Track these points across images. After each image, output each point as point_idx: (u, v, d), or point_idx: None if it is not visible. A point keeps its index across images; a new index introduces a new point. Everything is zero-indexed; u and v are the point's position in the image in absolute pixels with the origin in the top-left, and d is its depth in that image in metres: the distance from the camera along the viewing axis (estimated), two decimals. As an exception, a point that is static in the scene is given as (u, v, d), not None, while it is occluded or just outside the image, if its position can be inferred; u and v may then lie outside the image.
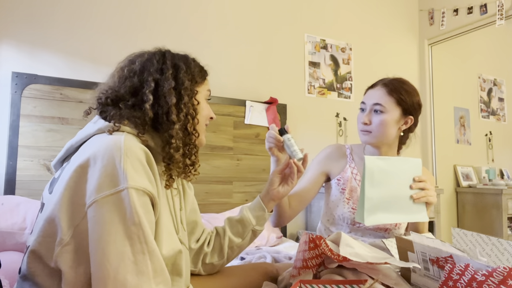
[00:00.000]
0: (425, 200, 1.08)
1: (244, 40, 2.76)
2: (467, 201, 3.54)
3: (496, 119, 4.21)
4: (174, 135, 0.78)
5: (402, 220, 1.08)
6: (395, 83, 1.27)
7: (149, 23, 2.44)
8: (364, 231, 1.29)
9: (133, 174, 0.67)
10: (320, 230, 1.44)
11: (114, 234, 0.64)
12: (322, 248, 0.82)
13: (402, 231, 1.33)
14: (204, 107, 0.89)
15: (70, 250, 0.68)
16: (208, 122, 0.94)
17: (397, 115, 1.25)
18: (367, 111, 1.27)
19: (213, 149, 2.48)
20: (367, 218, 1.01)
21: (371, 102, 1.27)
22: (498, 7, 2.91)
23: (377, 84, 1.31)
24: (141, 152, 0.71)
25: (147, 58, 0.84)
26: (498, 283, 0.65)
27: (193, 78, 0.84)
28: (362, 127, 1.28)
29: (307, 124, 2.96)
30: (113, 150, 0.68)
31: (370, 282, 0.77)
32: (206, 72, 0.93)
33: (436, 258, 0.77)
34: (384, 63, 3.36)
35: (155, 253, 0.67)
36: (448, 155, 3.65)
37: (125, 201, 0.65)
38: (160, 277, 0.67)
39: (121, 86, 0.80)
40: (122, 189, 0.65)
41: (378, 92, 1.27)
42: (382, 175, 1.04)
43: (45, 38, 2.15)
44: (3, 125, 2.00)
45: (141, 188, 0.67)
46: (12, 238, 1.56)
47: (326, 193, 1.39)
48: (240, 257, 1.86)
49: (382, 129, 1.24)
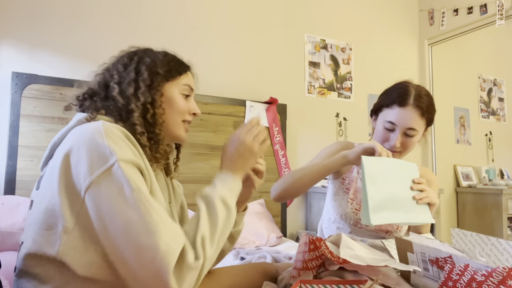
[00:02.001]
0: (427, 201, 1.08)
1: (244, 40, 2.76)
2: (467, 201, 3.55)
3: (496, 119, 4.21)
4: (138, 123, 0.82)
5: (408, 220, 1.04)
6: (425, 101, 1.20)
7: (149, 23, 2.44)
8: (364, 232, 1.29)
9: (117, 148, 0.71)
10: (321, 229, 1.43)
11: (117, 206, 0.67)
12: (322, 250, 0.82)
13: (403, 233, 1.33)
14: (178, 101, 0.90)
15: (76, 236, 0.70)
16: (187, 118, 0.94)
17: (422, 131, 1.24)
18: (399, 134, 1.19)
19: (213, 149, 2.48)
20: (372, 217, 0.96)
21: (405, 126, 1.18)
22: (498, 7, 2.91)
23: (407, 102, 1.19)
24: (120, 131, 0.75)
25: (121, 56, 0.91)
26: (497, 283, 0.65)
27: (156, 71, 0.87)
28: (389, 147, 1.22)
29: (307, 124, 2.96)
30: (93, 133, 0.72)
31: (370, 282, 0.77)
32: (185, 67, 0.94)
33: (436, 258, 0.77)
34: (384, 63, 3.36)
35: (160, 210, 0.70)
36: (448, 155, 3.65)
37: (118, 173, 0.68)
38: (171, 230, 0.69)
39: (95, 82, 0.89)
40: (112, 163, 0.69)
41: (412, 115, 1.18)
42: (382, 174, 1.02)
43: (45, 38, 2.15)
44: (3, 125, 2.00)
45: (129, 160, 0.71)
46: (12, 238, 1.57)
47: (330, 192, 1.38)
48: (240, 257, 1.86)
49: (411, 149, 1.23)
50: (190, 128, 0.98)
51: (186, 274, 0.68)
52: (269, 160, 2.69)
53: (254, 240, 2.17)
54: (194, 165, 2.41)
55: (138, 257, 0.65)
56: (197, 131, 2.45)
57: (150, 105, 0.85)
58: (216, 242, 0.76)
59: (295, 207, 2.85)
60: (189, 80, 0.94)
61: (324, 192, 2.62)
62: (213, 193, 0.81)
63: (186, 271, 0.68)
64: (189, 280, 0.68)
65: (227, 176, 0.86)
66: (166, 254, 0.65)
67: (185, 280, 0.67)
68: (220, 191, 0.82)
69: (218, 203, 0.79)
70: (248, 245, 2.14)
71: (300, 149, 2.90)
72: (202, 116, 2.47)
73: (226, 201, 0.81)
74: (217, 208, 0.78)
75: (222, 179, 0.86)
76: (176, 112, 0.91)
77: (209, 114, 2.51)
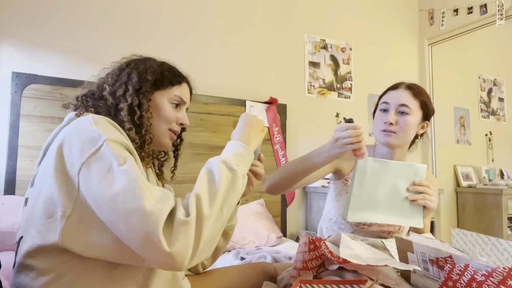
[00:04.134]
0: (422, 203, 1.09)
1: (244, 40, 2.76)
2: (467, 201, 3.54)
3: (496, 119, 4.21)
4: (125, 120, 0.86)
5: (392, 222, 1.09)
6: (417, 87, 1.27)
7: (149, 23, 2.44)
8: (366, 232, 1.29)
9: (105, 131, 0.74)
10: (321, 229, 1.43)
11: (105, 182, 0.68)
12: (322, 250, 0.82)
13: (405, 234, 1.33)
14: (166, 109, 0.93)
15: (76, 220, 0.71)
16: (174, 127, 0.96)
17: (419, 119, 1.26)
18: (392, 111, 1.24)
19: (213, 149, 2.48)
20: (351, 215, 1.07)
21: (397, 102, 1.24)
22: (498, 7, 2.91)
23: (400, 85, 1.28)
24: (109, 121, 0.79)
25: (121, 62, 0.97)
26: (497, 283, 0.65)
27: (146, 78, 0.91)
28: (385, 127, 1.24)
29: (307, 124, 2.96)
30: (82, 122, 0.76)
31: (370, 282, 0.77)
32: (178, 79, 0.97)
33: (436, 258, 0.77)
34: (384, 63, 3.36)
35: (146, 181, 0.70)
36: (448, 155, 3.65)
37: (107, 152, 0.70)
38: (158, 192, 0.69)
39: (95, 85, 0.95)
40: (101, 144, 0.71)
41: (403, 94, 1.25)
42: (374, 176, 1.07)
43: (45, 38, 2.15)
44: (3, 125, 2.00)
45: (118, 140, 0.74)
46: (12, 238, 1.56)
47: (331, 192, 1.38)
48: (240, 257, 1.86)
49: (407, 130, 1.23)
50: (189, 128, 1.00)
51: (177, 233, 0.64)
52: (269, 160, 2.69)
53: (254, 240, 2.17)
54: (194, 165, 2.41)
55: (127, 223, 0.64)
56: (197, 131, 2.45)
57: (137, 108, 0.88)
58: (217, 203, 0.71)
59: (295, 207, 2.85)
60: (182, 92, 0.97)
61: (324, 192, 2.62)
62: (216, 158, 0.80)
63: (177, 229, 0.65)
64: (182, 240, 0.65)
65: (235, 145, 0.87)
66: (153, 214, 0.64)
67: (177, 239, 0.64)
68: (223, 156, 0.81)
69: (219, 166, 0.77)
70: (248, 245, 2.14)
71: (300, 149, 2.90)
72: (202, 116, 2.48)
73: (230, 164, 0.78)
74: (219, 170, 0.76)
75: (229, 147, 0.87)
76: (163, 120, 0.94)
77: (209, 114, 2.50)
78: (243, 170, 0.80)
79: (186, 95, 0.98)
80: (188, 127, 1.08)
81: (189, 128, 2.30)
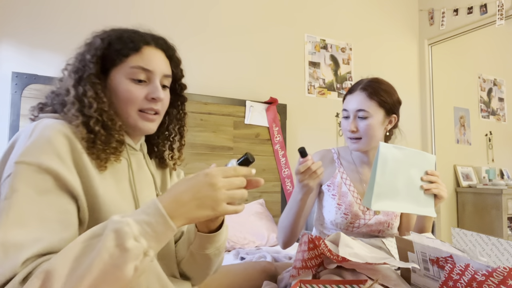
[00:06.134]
0: (435, 192, 1.09)
1: (244, 40, 2.76)
2: (467, 201, 3.54)
3: (496, 119, 4.21)
4: (72, 116, 0.73)
5: (409, 210, 1.07)
6: (373, 85, 1.25)
7: (149, 23, 2.42)
8: (357, 235, 1.30)
9: (33, 151, 0.64)
10: (314, 234, 1.44)
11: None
12: (321, 248, 0.82)
13: (395, 231, 1.33)
14: (123, 89, 0.76)
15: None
16: (145, 105, 0.78)
17: (381, 117, 1.25)
18: (351, 118, 1.25)
19: (213, 149, 2.48)
20: (374, 203, 1.02)
21: (353, 108, 1.24)
22: (498, 7, 2.91)
23: (355, 88, 1.28)
24: (56, 135, 0.67)
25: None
26: (498, 283, 0.65)
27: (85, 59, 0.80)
28: (349, 134, 1.26)
29: (307, 124, 2.96)
30: (22, 132, 0.70)
31: (370, 282, 0.77)
32: (130, 46, 0.78)
33: (436, 258, 0.77)
34: (384, 63, 3.36)
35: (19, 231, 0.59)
36: (448, 155, 3.65)
37: (17, 174, 0.63)
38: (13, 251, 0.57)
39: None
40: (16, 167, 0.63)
41: (358, 97, 1.25)
42: (395, 164, 1.05)
43: (45, 38, 2.15)
44: (3, 125, 2.00)
45: (36, 164, 0.63)
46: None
47: (318, 198, 1.39)
48: (240, 257, 1.86)
49: (371, 133, 1.23)
50: (189, 128, 0.95)
51: None
52: (269, 160, 2.69)
53: (254, 240, 2.17)
54: (194, 165, 2.41)
55: None
56: (197, 131, 2.45)
57: (84, 97, 0.73)
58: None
59: (295, 207, 2.85)
60: (142, 59, 0.78)
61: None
62: (113, 221, 0.57)
63: None
64: None
65: (154, 209, 0.60)
66: None
67: None
68: (125, 221, 0.56)
69: (106, 236, 0.55)
70: (248, 245, 2.14)
71: (300, 149, 2.90)
72: (202, 116, 2.47)
73: (124, 238, 0.54)
74: (103, 241, 0.54)
75: (147, 207, 0.61)
76: (122, 102, 0.77)
77: (209, 114, 2.50)
78: (142, 248, 0.56)
79: (150, 61, 0.78)
80: (188, 127, 0.99)
81: (189, 128, 2.29)
